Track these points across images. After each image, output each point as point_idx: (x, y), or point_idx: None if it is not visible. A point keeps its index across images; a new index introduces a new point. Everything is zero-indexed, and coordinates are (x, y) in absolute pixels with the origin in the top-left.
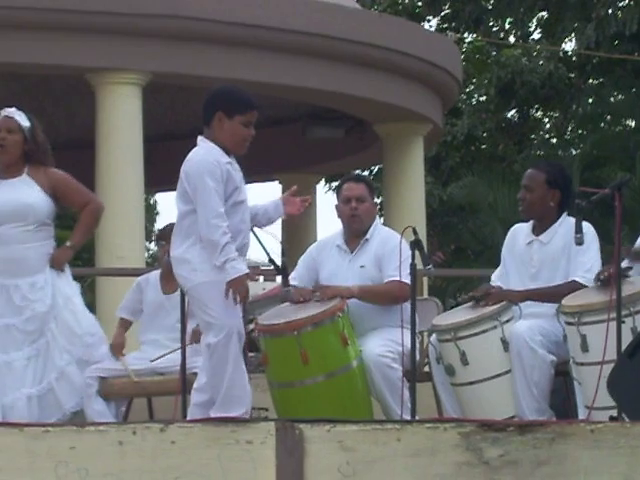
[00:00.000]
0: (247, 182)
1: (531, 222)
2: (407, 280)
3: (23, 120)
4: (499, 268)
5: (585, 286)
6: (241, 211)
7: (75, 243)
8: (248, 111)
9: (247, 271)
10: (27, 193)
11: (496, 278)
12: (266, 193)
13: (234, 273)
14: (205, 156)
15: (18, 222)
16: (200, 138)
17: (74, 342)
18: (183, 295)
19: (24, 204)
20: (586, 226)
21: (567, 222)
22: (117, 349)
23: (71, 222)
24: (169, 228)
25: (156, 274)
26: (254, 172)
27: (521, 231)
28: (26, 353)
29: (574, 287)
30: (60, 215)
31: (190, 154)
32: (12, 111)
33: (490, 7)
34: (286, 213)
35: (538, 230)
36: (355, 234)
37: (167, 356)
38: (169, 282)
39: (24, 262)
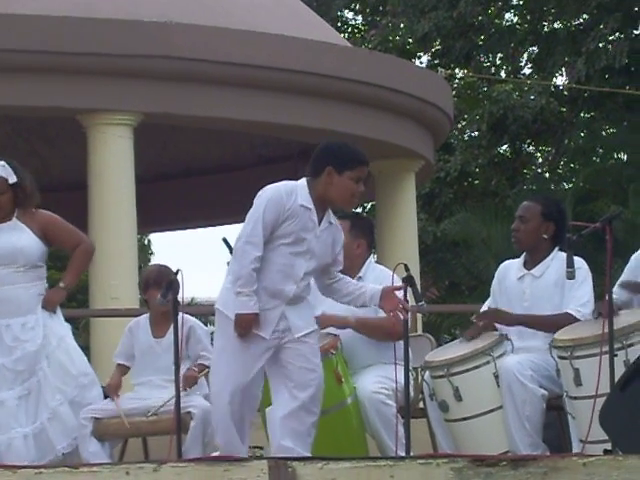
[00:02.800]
0: (239, 221)
1: (522, 257)
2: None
3: (10, 175)
4: (487, 302)
5: (579, 320)
6: (289, 258)
7: (67, 284)
8: (358, 167)
9: (255, 311)
10: (17, 237)
11: None
12: None
13: (242, 308)
14: (281, 185)
15: (8, 265)
16: (304, 179)
17: (68, 382)
18: (177, 336)
19: (14, 247)
20: (580, 261)
21: (559, 257)
22: (113, 389)
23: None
24: (154, 272)
25: (146, 317)
26: (247, 211)
27: (511, 267)
28: (17, 392)
29: (568, 319)
30: (56, 257)
31: None
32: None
33: (480, 43)
34: (380, 307)
35: (530, 264)
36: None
37: (161, 396)
38: (160, 326)
39: (15, 302)
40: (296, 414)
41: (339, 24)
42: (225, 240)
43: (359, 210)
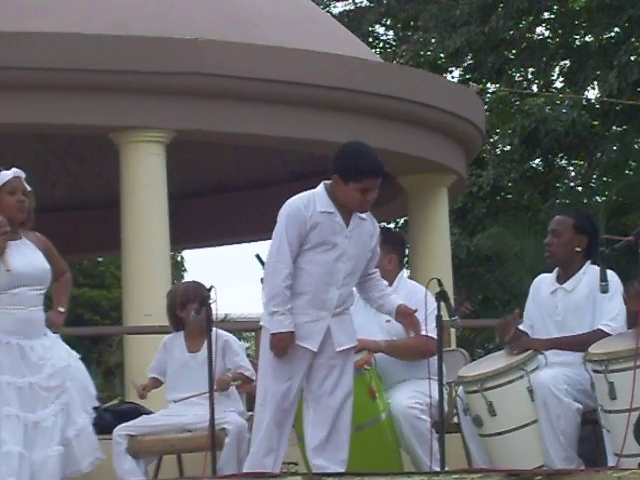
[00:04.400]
0: (271, 238)
1: (555, 271)
2: (433, 334)
3: (25, 184)
4: (523, 320)
5: (610, 335)
6: (326, 264)
7: (66, 309)
8: (363, 179)
9: (291, 329)
10: (38, 256)
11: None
12: None
13: (278, 327)
14: (297, 199)
15: (38, 285)
16: (322, 183)
17: (88, 402)
18: (210, 352)
19: (44, 269)
20: (610, 274)
21: (591, 270)
22: (142, 387)
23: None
24: (192, 288)
25: (181, 333)
26: None
27: (544, 281)
28: (52, 410)
29: (600, 336)
30: (88, 274)
31: None
32: (21, 173)
33: (512, 57)
34: (398, 321)
35: (562, 278)
36: None
37: (196, 412)
38: (194, 341)
39: (36, 324)
40: (327, 431)
41: (370, 39)
42: (258, 256)
43: (391, 225)
